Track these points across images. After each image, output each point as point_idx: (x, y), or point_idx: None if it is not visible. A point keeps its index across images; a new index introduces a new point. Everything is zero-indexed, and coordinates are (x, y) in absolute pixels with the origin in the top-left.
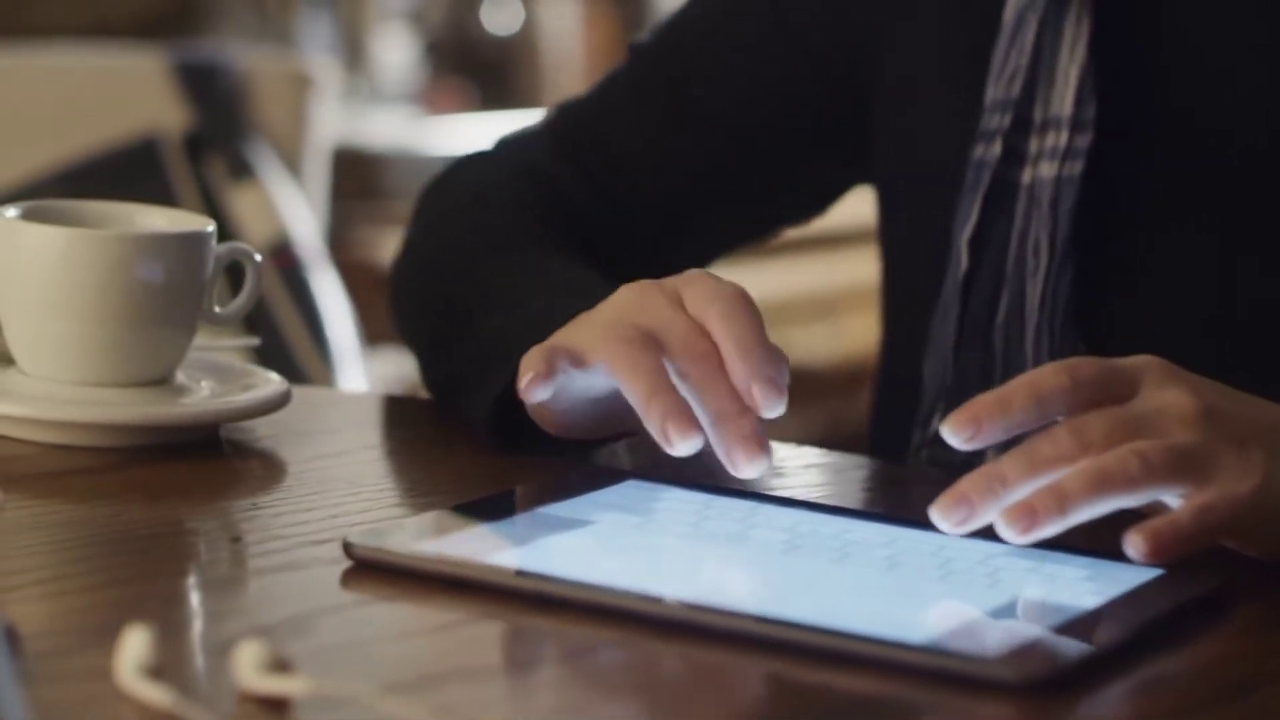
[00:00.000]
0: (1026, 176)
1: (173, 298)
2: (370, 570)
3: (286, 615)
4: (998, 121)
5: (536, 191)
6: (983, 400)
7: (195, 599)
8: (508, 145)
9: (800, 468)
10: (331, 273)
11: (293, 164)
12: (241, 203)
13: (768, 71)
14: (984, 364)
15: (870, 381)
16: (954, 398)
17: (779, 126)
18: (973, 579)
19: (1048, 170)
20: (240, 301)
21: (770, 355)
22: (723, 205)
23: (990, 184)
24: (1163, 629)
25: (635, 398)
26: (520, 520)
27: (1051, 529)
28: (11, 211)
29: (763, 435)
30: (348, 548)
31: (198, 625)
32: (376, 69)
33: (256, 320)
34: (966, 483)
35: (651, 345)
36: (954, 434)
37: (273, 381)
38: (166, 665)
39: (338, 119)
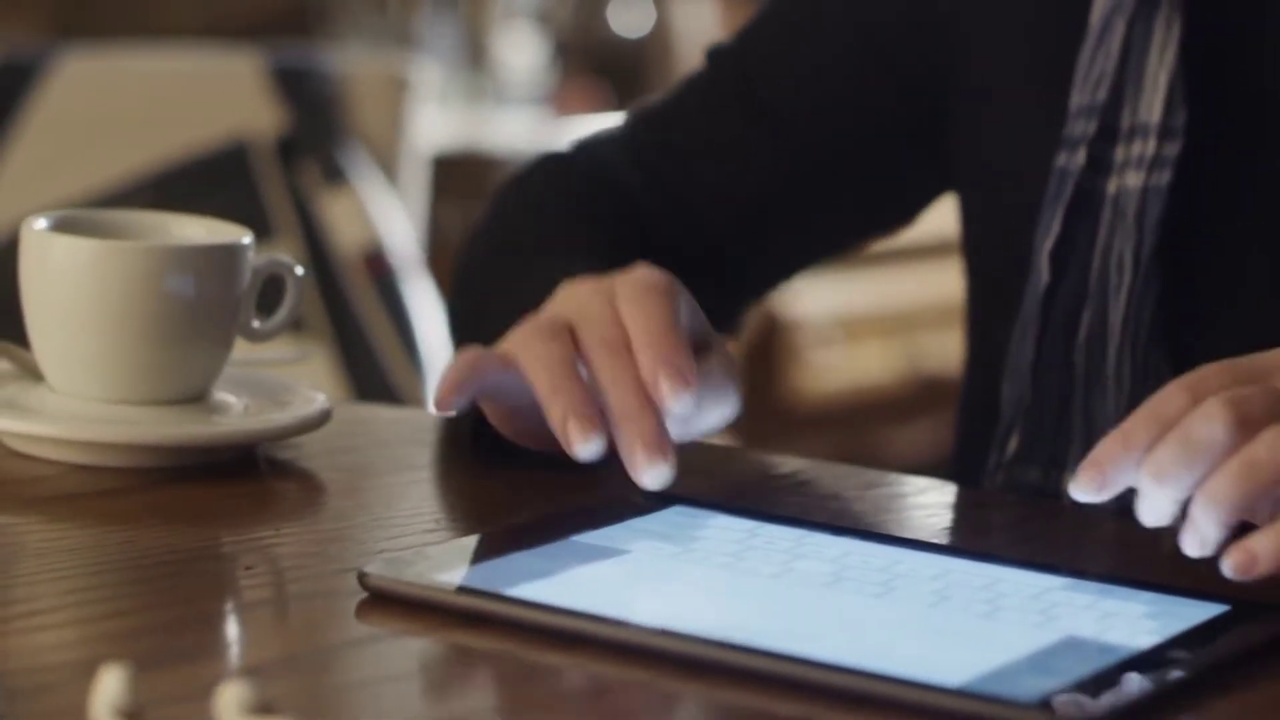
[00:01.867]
0: (1112, 187)
1: (206, 312)
2: (386, 603)
3: (288, 652)
4: (1081, 128)
5: (607, 201)
6: (1105, 444)
7: (193, 633)
8: (584, 149)
9: (867, 491)
10: (427, 281)
11: (390, 169)
12: (335, 208)
13: (846, 77)
14: (1064, 385)
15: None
16: (1032, 419)
17: (858, 133)
18: (1023, 616)
19: (1134, 180)
20: (281, 316)
21: (679, 343)
22: (801, 217)
23: (1073, 194)
24: (1222, 670)
25: (539, 393)
26: (552, 549)
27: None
28: (41, 222)
29: (661, 435)
30: (362, 578)
31: (189, 662)
32: (501, 70)
33: (345, 330)
34: (1111, 460)
35: (560, 334)
36: (1083, 490)
37: (314, 399)
38: (146, 706)
39: (460, 121)
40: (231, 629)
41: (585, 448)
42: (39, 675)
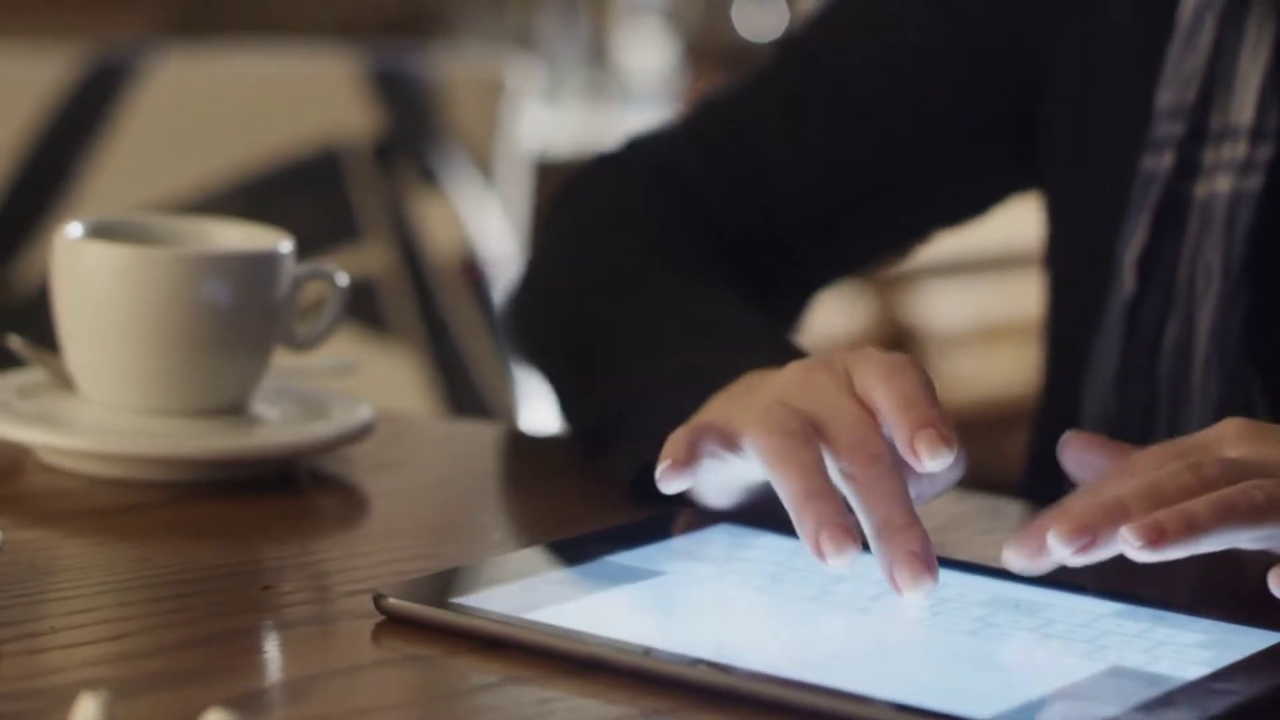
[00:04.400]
0: (1201, 191)
1: (243, 321)
2: (403, 626)
3: (292, 677)
4: (1169, 130)
5: (675, 200)
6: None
7: (193, 657)
8: (640, 147)
9: (931, 509)
10: None
11: (488, 173)
12: (430, 213)
13: (930, 68)
14: (1148, 397)
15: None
16: (1114, 433)
17: (939, 127)
18: (1070, 644)
19: (1223, 185)
20: (324, 325)
21: (934, 404)
22: (876, 209)
23: (1161, 199)
24: (1271, 703)
25: (789, 498)
26: (583, 569)
27: (1177, 551)
28: (76, 229)
29: (929, 551)
30: (378, 600)
31: (182, 688)
32: (625, 70)
33: (438, 338)
34: (1087, 511)
35: (812, 438)
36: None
37: (357, 411)
38: None
39: (582, 122)
40: (236, 653)
41: (839, 560)
42: (22, 701)
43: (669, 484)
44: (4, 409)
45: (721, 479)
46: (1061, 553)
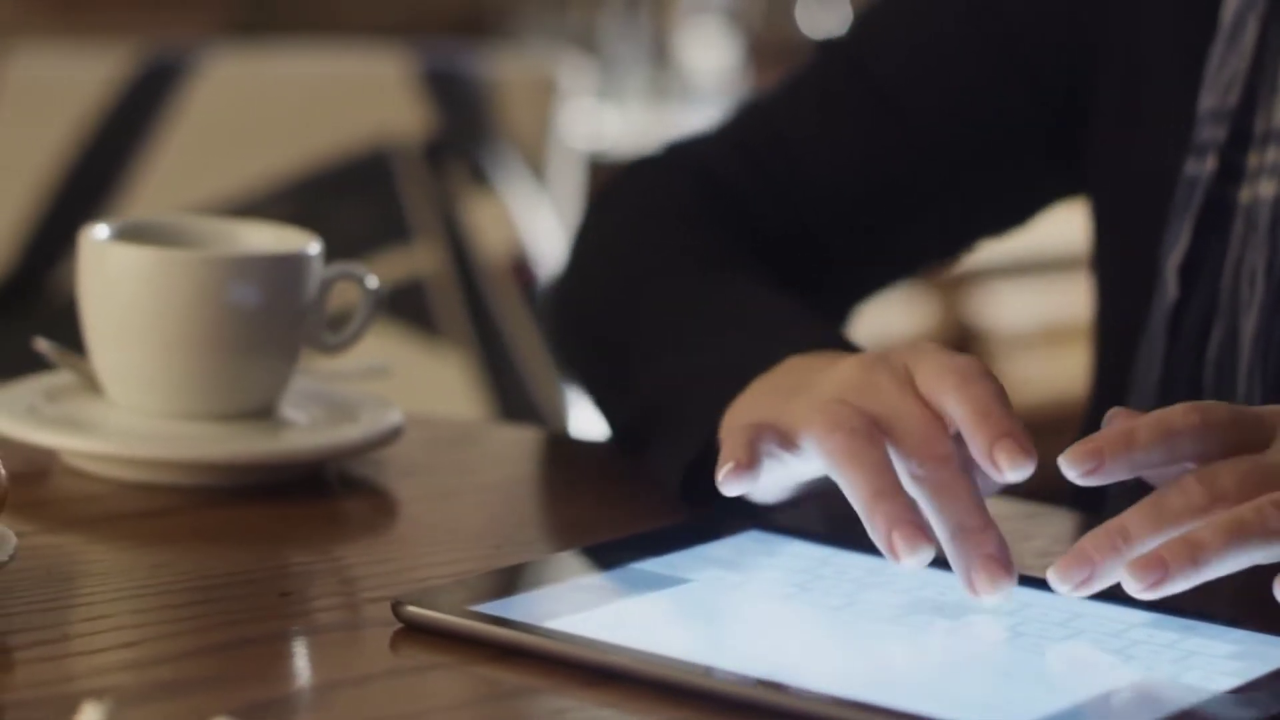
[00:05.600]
0: (1245, 196)
1: (270, 323)
2: (421, 634)
3: (306, 685)
4: (1211, 133)
5: (712, 202)
6: (1107, 433)
7: (206, 665)
8: (679, 150)
9: None
10: None
11: (540, 173)
12: (481, 213)
13: (965, 72)
14: None
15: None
16: None
17: (980, 134)
18: (1098, 654)
19: (1268, 189)
20: (354, 328)
21: (1011, 414)
22: (911, 211)
23: (1203, 204)
24: None
25: (858, 498)
26: (607, 577)
27: (1182, 584)
28: (102, 231)
29: (1006, 554)
30: (396, 608)
31: (189, 696)
32: (687, 69)
33: (488, 339)
34: (1087, 540)
35: (878, 437)
36: (1073, 466)
37: (386, 415)
38: None
39: (645, 121)
40: (249, 660)
41: (914, 558)
42: (31, 709)
43: (732, 487)
44: (30, 413)
45: (777, 478)
46: (1062, 588)
